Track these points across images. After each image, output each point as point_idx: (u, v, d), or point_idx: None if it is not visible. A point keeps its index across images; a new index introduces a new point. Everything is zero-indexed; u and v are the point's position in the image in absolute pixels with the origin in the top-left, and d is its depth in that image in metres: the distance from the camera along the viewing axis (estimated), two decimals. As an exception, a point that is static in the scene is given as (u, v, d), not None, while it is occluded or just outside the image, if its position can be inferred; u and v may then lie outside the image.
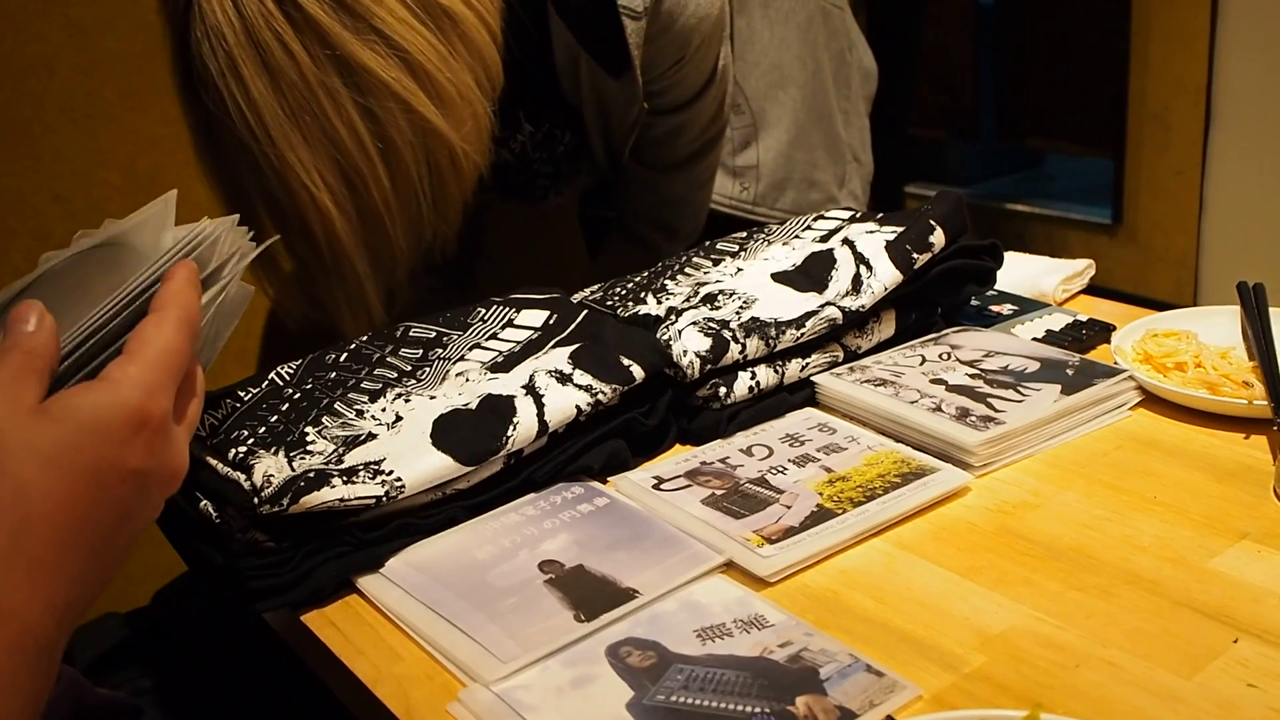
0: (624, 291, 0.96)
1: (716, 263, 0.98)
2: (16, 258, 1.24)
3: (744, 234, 1.04)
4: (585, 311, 0.88)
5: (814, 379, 0.86)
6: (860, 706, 0.54)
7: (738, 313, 0.86)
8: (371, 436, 0.74)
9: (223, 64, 0.80)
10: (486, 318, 0.89)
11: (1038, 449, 0.78)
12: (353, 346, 0.88)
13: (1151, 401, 0.83)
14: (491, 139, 0.94)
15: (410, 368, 0.83)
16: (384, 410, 0.78)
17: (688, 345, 0.81)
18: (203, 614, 1.02)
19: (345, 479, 0.68)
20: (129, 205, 0.62)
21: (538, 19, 1.02)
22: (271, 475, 0.68)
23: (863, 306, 0.86)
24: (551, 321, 0.87)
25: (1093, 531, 0.68)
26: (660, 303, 0.90)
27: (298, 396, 0.81)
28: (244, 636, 0.92)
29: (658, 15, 1.03)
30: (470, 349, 0.85)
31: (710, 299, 0.89)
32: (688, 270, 0.98)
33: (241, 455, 0.71)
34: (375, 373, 0.83)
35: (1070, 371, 0.84)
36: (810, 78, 1.38)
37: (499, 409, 0.75)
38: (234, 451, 0.72)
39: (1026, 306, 1.00)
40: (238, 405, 0.80)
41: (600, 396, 0.77)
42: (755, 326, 0.83)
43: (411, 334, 0.89)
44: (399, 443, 0.73)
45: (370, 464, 0.70)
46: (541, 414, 0.75)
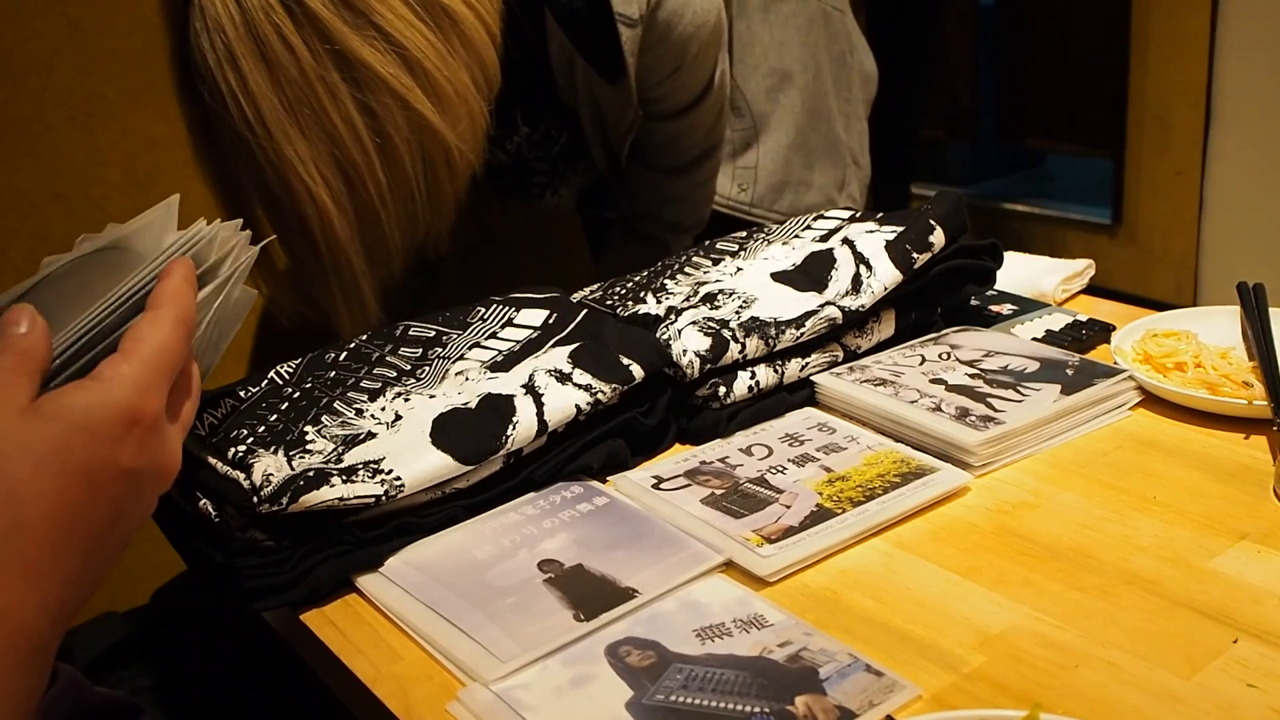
0: (624, 291, 0.96)
1: (716, 262, 0.98)
2: (16, 256, 1.24)
3: (744, 234, 1.04)
4: (585, 311, 0.88)
5: (814, 379, 0.86)
6: (859, 706, 0.54)
7: (737, 312, 0.86)
8: (371, 435, 0.74)
9: (222, 57, 0.80)
10: (486, 317, 0.89)
11: (1037, 449, 0.78)
12: (352, 346, 0.88)
13: (1151, 402, 0.83)
14: (487, 138, 0.94)
15: (410, 367, 0.83)
16: (383, 409, 0.77)
17: (687, 345, 0.81)
18: (202, 613, 1.02)
19: (344, 478, 0.68)
20: (128, 204, 0.62)
21: (535, 21, 1.02)
22: (271, 474, 0.68)
23: (862, 306, 0.86)
24: (551, 321, 0.87)
25: (1092, 531, 0.68)
26: (660, 302, 0.90)
27: (297, 395, 0.80)
28: (243, 635, 0.92)
29: (654, 24, 1.03)
30: (470, 348, 0.85)
31: (710, 298, 0.89)
32: (687, 270, 0.98)
33: (241, 454, 0.71)
34: (375, 372, 0.83)
35: (1070, 371, 0.84)
36: (811, 81, 1.38)
37: (498, 408, 0.75)
38: (233, 450, 0.72)
39: (1026, 306, 1.00)
40: (237, 404, 0.80)
41: (600, 396, 0.77)
42: (755, 326, 0.83)
43: (411, 333, 0.89)
44: (398, 442, 0.73)
45: (370, 463, 0.70)
46: (541, 413, 0.75)
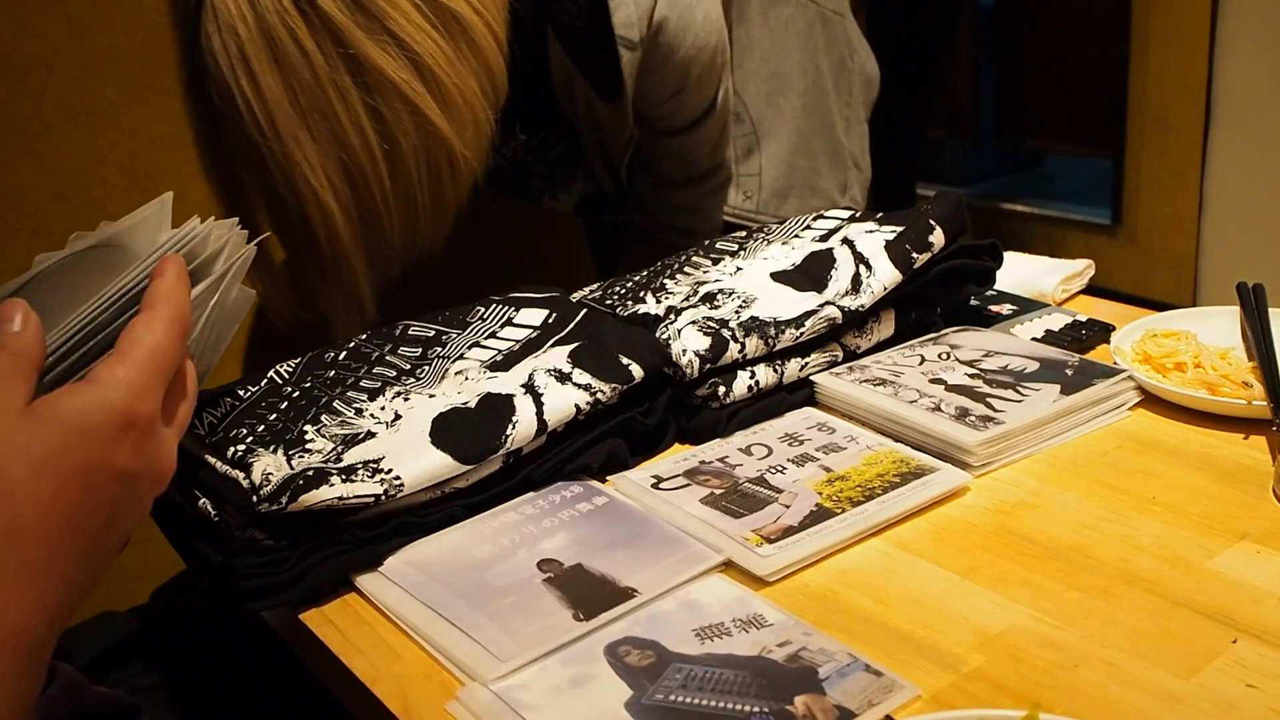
0: (623, 290, 0.95)
1: (716, 262, 0.98)
2: (15, 255, 1.24)
3: (744, 233, 1.04)
4: (584, 310, 0.88)
5: (813, 378, 0.86)
6: (859, 706, 0.54)
7: (737, 312, 0.86)
8: (370, 435, 0.74)
9: (234, 59, 0.80)
10: (486, 316, 0.89)
11: (1037, 449, 0.78)
12: (352, 345, 0.88)
13: (1151, 402, 0.83)
14: (490, 147, 0.94)
15: (409, 366, 0.83)
16: (383, 409, 0.77)
17: (687, 344, 0.81)
18: (201, 612, 1.02)
19: (344, 477, 0.68)
20: (128, 203, 0.61)
21: (539, 33, 1.02)
22: (270, 473, 0.68)
23: (862, 306, 0.86)
24: (551, 320, 0.87)
25: (1092, 531, 0.68)
26: (659, 302, 0.90)
27: (296, 395, 0.80)
28: (243, 635, 0.92)
29: (656, 46, 1.04)
30: (469, 347, 0.85)
31: (710, 298, 0.89)
32: (687, 269, 0.98)
33: (240, 453, 0.71)
34: (374, 371, 0.83)
35: (1069, 371, 0.84)
36: (811, 85, 1.38)
37: (498, 408, 0.75)
38: (233, 450, 0.72)
39: (1026, 306, 1.00)
40: (236, 403, 0.80)
41: (599, 395, 0.77)
42: (754, 326, 0.83)
43: (410, 333, 0.89)
44: (398, 441, 0.73)
45: (369, 462, 0.70)
46: (540, 413, 0.75)
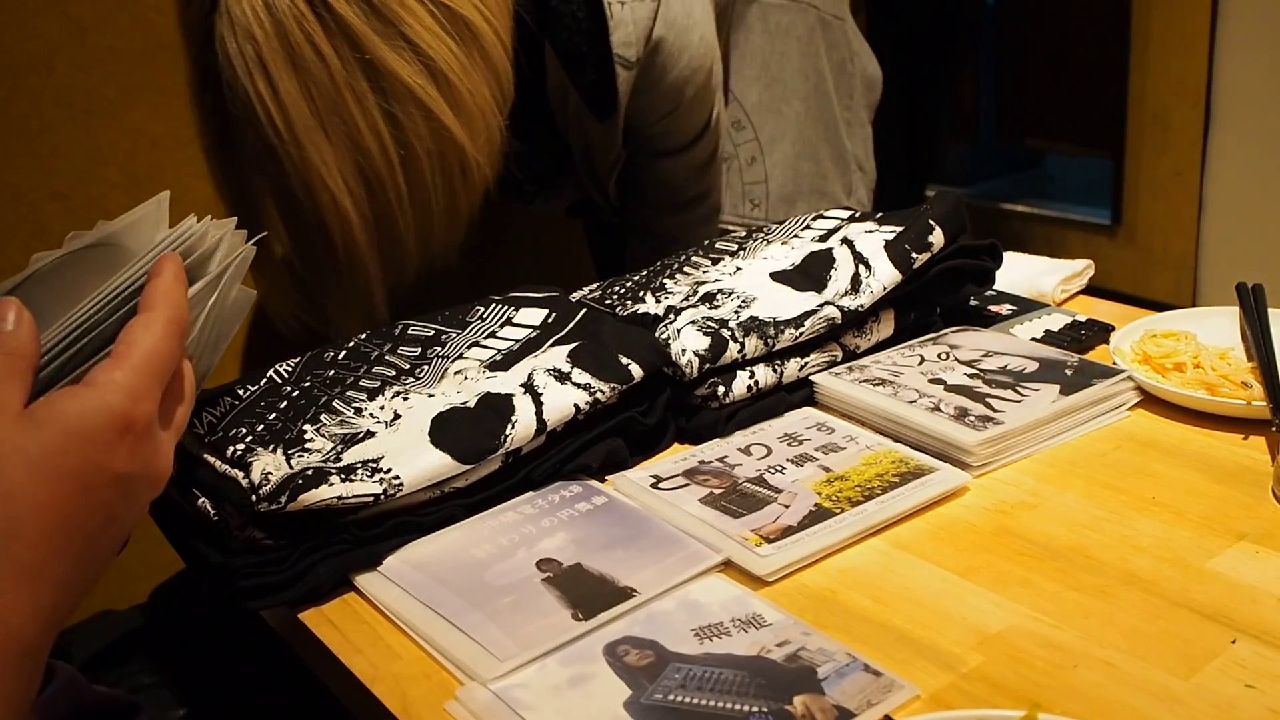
0: (623, 290, 0.95)
1: (715, 262, 0.98)
2: (14, 254, 1.24)
3: (743, 233, 1.04)
4: (584, 310, 0.88)
5: (813, 378, 0.86)
6: (858, 706, 0.54)
7: (736, 312, 0.86)
8: (370, 434, 0.74)
9: (250, 63, 0.80)
10: (485, 316, 0.89)
11: (1036, 449, 0.78)
12: (351, 345, 0.88)
13: (1150, 402, 0.83)
14: (501, 154, 0.95)
15: (409, 366, 0.83)
16: (382, 408, 0.77)
17: (686, 344, 0.81)
18: (200, 611, 1.02)
19: (343, 477, 0.68)
20: (127, 203, 0.61)
21: (537, 45, 1.02)
22: (269, 473, 0.68)
23: (861, 306, 0.86)
24: (550, 320, 0.87)
25: (1091, 532, 0.68)
26: (659, 301, 0.90)
27: (296, 394, 0.80)
28: (242, 634, 0.92)
29: (651, 67, 1.04)
30: (469, 347, 0.85)
31: (709, 298, 0.89)
32: (687, 269, 0.98)
33: (239, 453, 0.71)
34: (374, 371, 0.83)
35: (1069, 372, 0.84)
36: (813, 90, 1.38)
37: (497, 407, 0.75)
38: (232, 449, 0.72)
39: (1025, 307, 1.00)
40: (236, 403, 0.80)
41: (599, 395, 0.77)
42: (754, 326, 0.83)
43: (410, 332, 0.89)
44: (397, 441, 0.73)
45: (368, 462, 0.70)
46: (540, 412, 0.75)
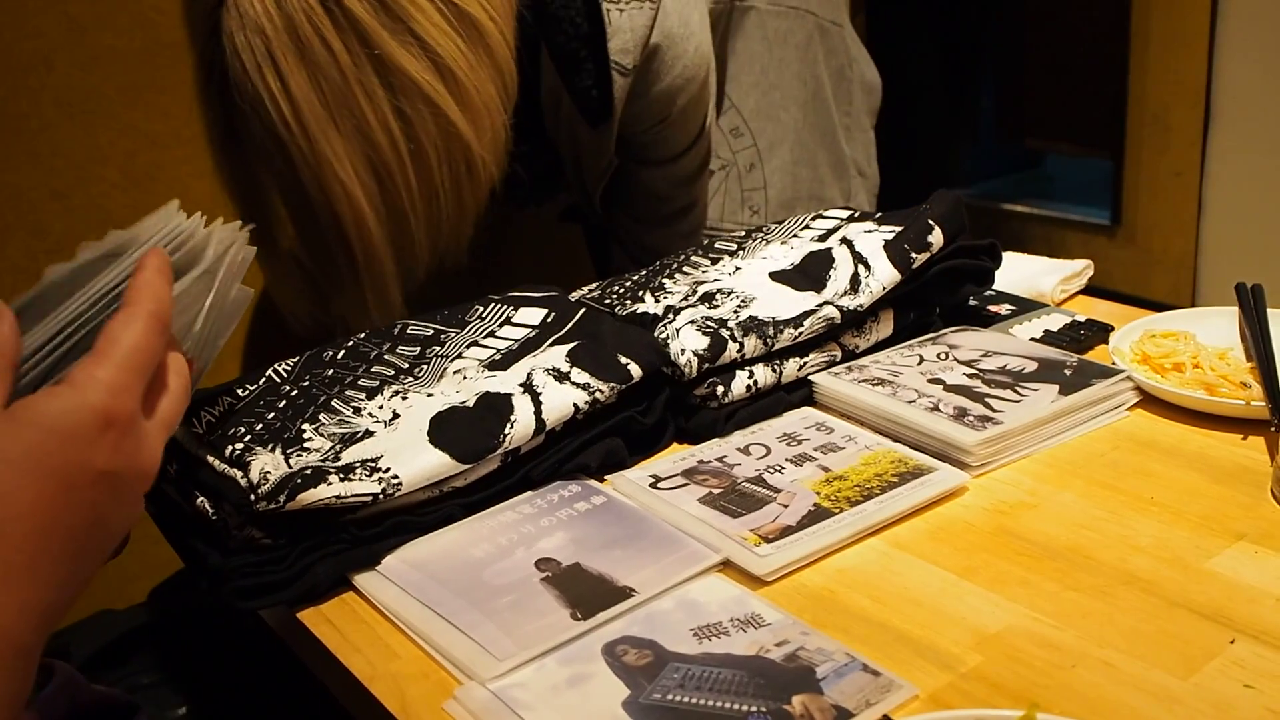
0: (622, 290, 0.95)
1: (715, 261, 0.98)
2: (14, 254, 1.24)
3: (743, 233, 1.04)
4: (583, 310, 0.88)
5: (812, 378, 0.86)
6: (856, 706, 0.54)
7: (736, 311, 0.86)
8: (368, 434, 0.74)
9: (260, 58, 0.81)
10: (484, 315, 0.89)
11: (1035, 449, 0.78)
12: (350, 344, 0.88)
13: (1149, 402, 0.83)
14: (507, 154, 0.95)
15: (408, 365, 0.83)
16: (381, 408, 0.77)
17: (686, 344, 0.81)
18: (199, 611, 1.02)
19: (342, 476, 0.68)
20: (127, 202, 0.61)
21: (534, 48, 1.02)
22: (268, 472, 0.68)
23: (861, 306, 0.86)
24: (549, 319, 0.87)
25: (1090, 532, 0.68)
26: (658, 301, 0.90)
27: (295, 394, 0.80)
28: (240, 634, 0.92)
29: (645, 73, 1.04)
30: (468, 347, 0.85)
31: (708, 298, 0.89)
32: (686, 269, 0.98)
33: (238, 452, 0.71)
34: (373, 370, 0.83)
35: (1068, 372, 0.84)
36: (811, 96, 1.38)
37: (496, 407, 0.75)
38: (231, 448, 0.72)
39: (1025, 307, 1.00)
40: (235, 402, 0.80)
41: (598, 395, 0.77)
42: (753, 325, 0.83)
43: (409, 332, 0.89)
44: (396, 440, 0.73)
45: (367, 461, 0.70)
46: (539, 412, 0.75)
